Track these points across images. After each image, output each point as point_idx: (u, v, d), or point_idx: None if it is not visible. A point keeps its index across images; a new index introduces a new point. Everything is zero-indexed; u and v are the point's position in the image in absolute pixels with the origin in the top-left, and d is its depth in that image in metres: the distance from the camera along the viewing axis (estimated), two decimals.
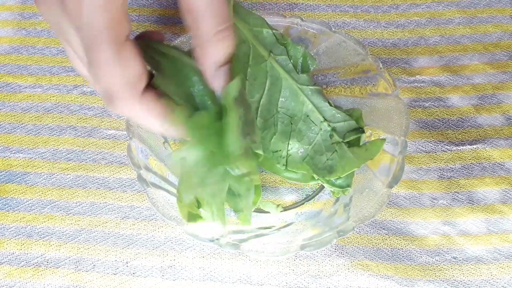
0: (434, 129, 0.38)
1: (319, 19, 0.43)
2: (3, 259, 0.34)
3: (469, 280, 0.32)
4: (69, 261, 0.34)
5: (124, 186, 0.36)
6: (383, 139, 0.32)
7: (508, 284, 0.32)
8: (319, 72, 0.37)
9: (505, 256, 0.33)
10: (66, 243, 0.34)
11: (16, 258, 0.34)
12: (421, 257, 0.33)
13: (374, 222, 0.35)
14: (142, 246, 0.34)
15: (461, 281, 0.32)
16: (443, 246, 0.34)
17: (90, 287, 0.33)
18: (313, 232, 0.30)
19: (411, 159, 0.37)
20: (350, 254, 0.33)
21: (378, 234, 0.34)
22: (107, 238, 0.35)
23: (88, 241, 0.34)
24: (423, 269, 0.33)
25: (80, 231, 0.35)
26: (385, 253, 0.33)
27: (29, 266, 0.34)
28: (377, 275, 0.33)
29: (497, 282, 0.32)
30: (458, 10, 0.44)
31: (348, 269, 0.33)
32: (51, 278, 0.33)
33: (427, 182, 0.36)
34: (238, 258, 0.34)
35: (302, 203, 0.35)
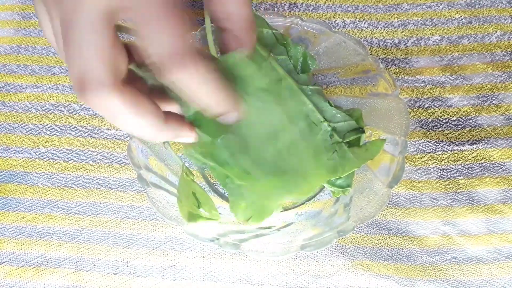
0: (434, 129, 0.38)
1: (319, 19, 0.43)
2: (3, 259, 0.34)
3: (469, 280, 0.32)
4: (69, 261, 0.34)
5: (124, 186, 0.36)
6: (383, 139, 0.32)
7: (508, 284, 0.32)
8: (319, 72, 0.37)
9: (505, 256, 0.33)
10: (66, 243, 0.34)
11: (16, 258, 0.34)
12: (421, 257, 0.33)
13: (374, 222, 0.35)
14: (142, 246, 0.34)
15: (461, 281, 0.32)
16: (443, 246, 0.34)
17: (90, 287, 0.33)
18: (313, 232, 0.30)
19: (411, 159, 0.37)
20: (350, 254, 0.33)
21: (378, 234, 0.34)
22: (107, 238, 0.35)
23: (88, 241, 0.34)
24: (423, 269, 0.33)
25: (80, 231, 0.35)
26: (385, 253, 0.33)
27: (29, 266, 0.34)
28: (377, 275, 0.33)
29: (497, 282, 0.32)
30: (458, 10, 0.44)
31: (348, 269, 0.33)
32: (51, 278, 0.33)
33: (427, 182, 0.36)
34: (238, 258, 0.34)
35: (302, 203, 0.35)
